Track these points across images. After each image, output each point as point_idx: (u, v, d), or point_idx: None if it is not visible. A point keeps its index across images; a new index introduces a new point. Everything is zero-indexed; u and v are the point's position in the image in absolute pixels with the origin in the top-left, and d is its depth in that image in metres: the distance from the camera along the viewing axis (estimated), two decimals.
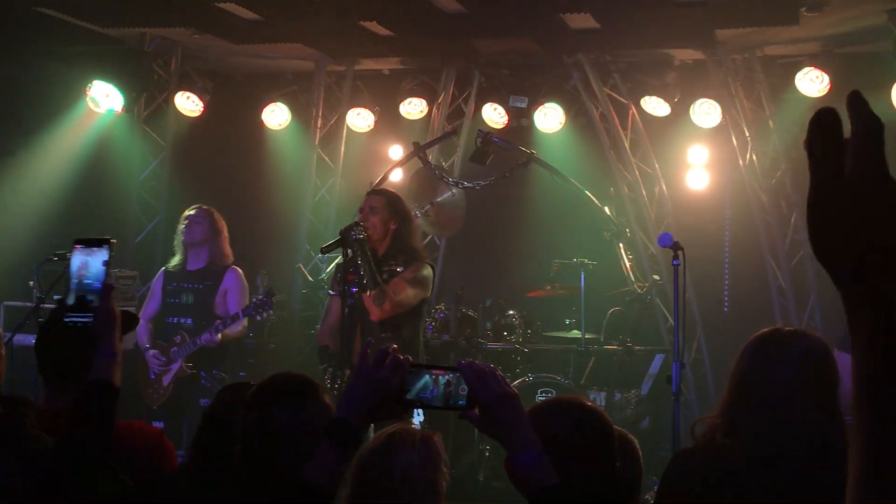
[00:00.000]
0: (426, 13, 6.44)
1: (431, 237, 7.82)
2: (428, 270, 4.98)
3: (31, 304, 6.92)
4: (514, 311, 6.69)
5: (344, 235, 4.77)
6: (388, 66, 8.01)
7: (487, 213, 7.70)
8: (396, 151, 8.03)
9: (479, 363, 1.94)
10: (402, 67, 7.93)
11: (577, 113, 7.63)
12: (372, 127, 7.95)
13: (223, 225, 5.81)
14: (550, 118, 7.41)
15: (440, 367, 1.96)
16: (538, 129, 7.48)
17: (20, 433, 2.22)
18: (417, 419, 4.83)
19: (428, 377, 1.92)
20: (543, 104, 7.39)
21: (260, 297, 5.48)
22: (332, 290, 5.23)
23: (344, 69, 8.01)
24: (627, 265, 6.79)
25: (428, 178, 6.74)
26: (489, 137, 6.43)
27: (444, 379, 1.91)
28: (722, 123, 7.23)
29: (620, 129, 7.48)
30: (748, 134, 7.32)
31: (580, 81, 7.49)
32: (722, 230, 7.85)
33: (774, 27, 6.51)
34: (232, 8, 6.49)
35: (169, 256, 6.07)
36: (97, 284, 2.15)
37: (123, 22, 7.10)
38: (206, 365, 5.58)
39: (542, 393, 6.10)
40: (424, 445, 2.42)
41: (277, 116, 7.88)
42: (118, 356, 2.14)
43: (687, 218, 7.54)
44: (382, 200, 4.99)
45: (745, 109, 7.26)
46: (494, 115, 7.58)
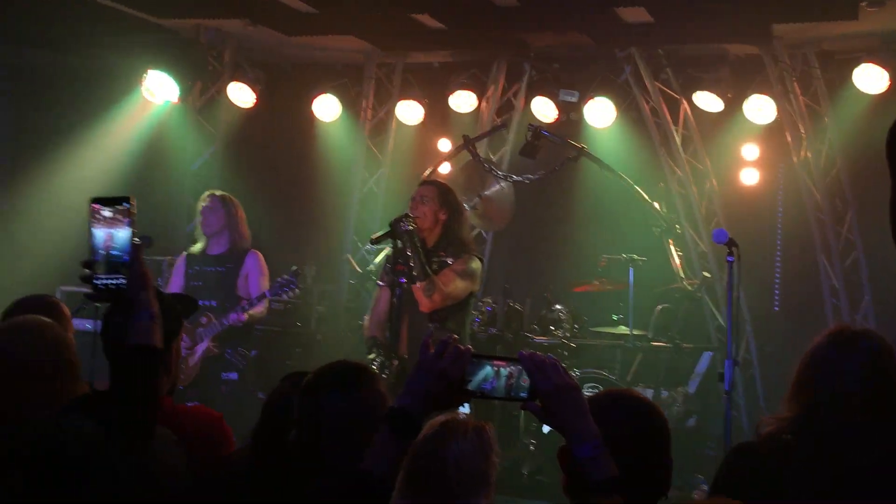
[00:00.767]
0: (478, 6, 6.44)
1: (479, 230, 7.81)
2: (477, 263, 4.97)
3: (85, 288, 7.08)
4: (560, 305, 6.67)
5: (393, 227, 4.79)
6: (438, 58, 8.01)
7: (536, 206, 7.68)
8: (445, 144, 8.04)
9: (539, 354, 1.94)
10: (452, 60, 7.93)
11: (627, 107, 7.56)
12: (421, 120, 7.96)
13: (239, 208, 5.88)
14: (601, 112, 7.33)
15: (501, 357, 1.96)
16: (588, 123, 7.42)
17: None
18: (463, 409, 4.84)
19: (489, 368, 1.91)
20: (594, 98, 7.32)
21: (286, 276, 5.51)
22: (380, 280, 5.25)
23: (394, 62, 8.03)
24: (677, 262, 6.72)
25: (477, 171, 6.73)
26: (539, 131, 6.40)
27: (505, 371, 1.91)
28: (776, 120, 7.11)
29: (672, 124, 7.40)
30: (803, 131, 7.19)
31: (632, 76, 7.42)
32: (774, 228, 7.74)
33: (833, 22, 6.38)
34: (287, 0, 6.54)
35: None
36: (125, 257, 2.06)
37: (179, 13, 7.20)
38: (229, 341, 5.68)
39: (588, 388, 6.08)
40: (477, 435, 2.43)
41: (328, 108, 7.92)
42: (156, 317, 2.09)
43: (738, 215, 7.44)
44: (434, 190, 5.01)
45: (800, 106, 7.13)
46: (544, 108, 7.53)
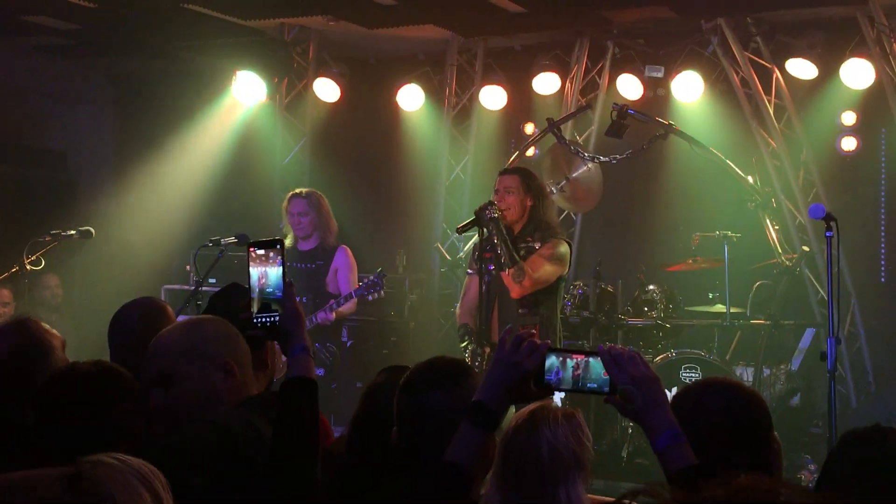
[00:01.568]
0: None
1: (568, 213, 7.76)
2: (565, 247, 4.95)
3: (187, 286, 7.35)
4: (654, 285, 6.58)
5: (478, 215, 4.81)
6: (519, 41, 7.97)
7: (625, 186, 7.58)
8: (529, 128, 8.01)
9: (619, 347, 1.97)
10: (533, 42, 7.87)
11: (716, 80, 7.37)
12: (505, 104, 7.93)
13: (324, 201, 5.99)
14: (688, 87, 7.17)
15: (579, 350, 1.99)
16: (676, 98, 7.27)
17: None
18: (558, 397, 4.83)
19: (555, 359, 1.95)
20: (681, 72, 7.16)
21: (371, 278, 5.60)
22: (469, 269, 5.29)
23: (475, 47, 8.03)
24: (774, 236, 6.54)
25: (563, 153, 6.68)
26: (625, 110, 6.29)
27: (571, 362, 1.95)
28: (875, 83, 6.82)
29: (763, 94, 7.18)
30: None
31: (719, 47, 7.21)
32: (877, 196, 7.43)
33: None
34: None
35: None
36: (278, 293, 2.19)
37: (263, 13, 7.35)
38: (318, 337, 5.79)
39: (685, 369, 5.98)
40: (567, 421, 2.44)
41: (411, 98, 7.98)
42: (310, 350, 2.22)
43: (837, 185, 7.18)
44: (517, 179, 5.00)
45: None
46: (630, 86, 7.40)
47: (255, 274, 2.20)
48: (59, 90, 8.95)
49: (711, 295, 6.56)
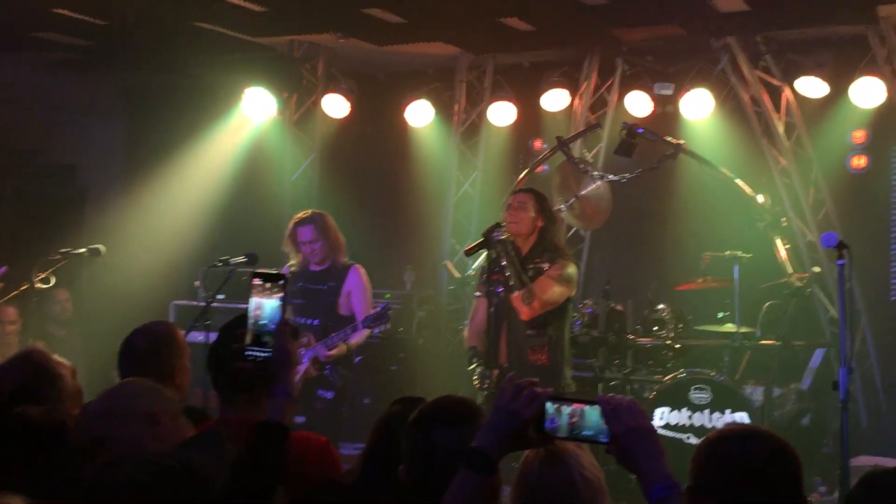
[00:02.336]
0: (567, 5, 6.37)
1: (576, 230, 7.75)
2: (573, 268, 4.98)
3: (196, 302, 7.35)
4: (664, 305, 6.55)
5: (486, 237, 4.81)
6: (528, 58, 7.97)
7: (634, 204, 7.57)
8: (538, 145, 8.01)
9: (617, 396, 2.01)
10: (542, 59, 7.87)
11: (726, 98, 7.36)
12: (514, 120, 7.93)
13: (329, 220, 5.74)
14: (698, 104, 7.17)
15: (580, 399, 2.02)
16: (684, 116, 7.27)
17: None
18: None
19: (549, 406, 2.00)
20: (690, 90, 7.16)
21: (377, 309, 5.43)
22: (477, 291, 5.28)
23: (485, 63, 8.03)
24: (784, 256, 6.51)
25: (572, 170, 6.68)
26: (635, 129, 6.29)
27: (568, 409, 2.00)
28: (885, 102, 6.80)
29: (773, 112, 7.16)
30: None
31: (729, 65, 7.21)
32: (887, 213, 7.39)
33: None
34: (377, 13, 6.62)
35: None
36: (272, 326, 2.19)
37: (273, 30, 7.37)
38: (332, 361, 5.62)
39: (695, 389, 5.95)
40: (581, 447, 2.43)
41: (420, 113, 7.99)
42: (292, 395, 2.19)
43: (848, 203, 7.16)
44: (531, 198, 5.07)
45: None
46: (639, 103, 7.40)
47: (253, 304, 2.22)
48: (69, 103, 8.99)
49: (721, 314, 6.53)
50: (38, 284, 5.83)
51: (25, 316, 6.77)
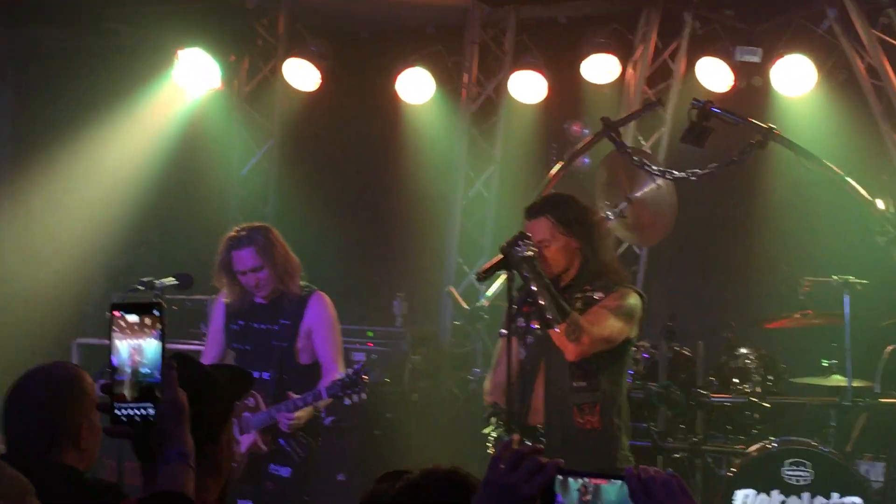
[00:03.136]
0: None
1: (629, 246, 7.78)
2: (636, 298, 4.90)
3: (107, 341, 7.34)
4: (747, 349, 6.58)
5: (506, 253, 4.73)
6: (564, 12, 8.02)
7: (705, 212, 7.61)
8: (577, 129, 8.06)
9: (652, 470, 2.04)
10: (583, 14, 7.93)
11: (833, 67, 7.43)
12: (544, 97, 7.98)
13: (278, 239, 5.58)
14: (795, 76, 7.23)
15: (601, 475, 2.07)
16: (777, 91, 7.33)
17: None
18: None
19: (557, 482, 2.05)
20: (784, 56, 7.21)
21: (349, 372, 5.32)
22: (503, 328, 5.23)
23: (505, 19, 8.09)
24: None
25: (623, 165, 6.71)
26: (708, 108, 6.33)
27: (576, 484, 2.04)
28: None
29: None
30: None
31: (838, 22, 7.27)
32: None
33: None
34: None
35: None
36: (157, 376, 2.19)
37: None
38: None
39: (790, 465, 5.97)
40: None
41: (417, 86, 8.03)
42: (190, 457, 2.21)
43: None
44: (547, 224, 4.84)
45: None
46: (715, 74, 7.47)
47: (124, 348, 2.20)
48: None
49: (826, 363, 6.56)
50: None
51: None
